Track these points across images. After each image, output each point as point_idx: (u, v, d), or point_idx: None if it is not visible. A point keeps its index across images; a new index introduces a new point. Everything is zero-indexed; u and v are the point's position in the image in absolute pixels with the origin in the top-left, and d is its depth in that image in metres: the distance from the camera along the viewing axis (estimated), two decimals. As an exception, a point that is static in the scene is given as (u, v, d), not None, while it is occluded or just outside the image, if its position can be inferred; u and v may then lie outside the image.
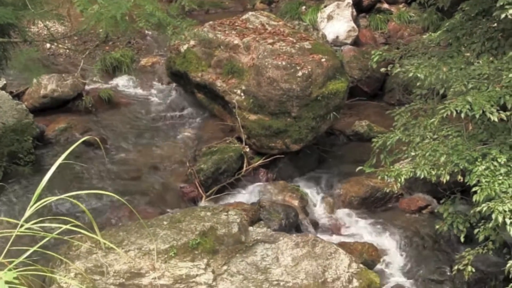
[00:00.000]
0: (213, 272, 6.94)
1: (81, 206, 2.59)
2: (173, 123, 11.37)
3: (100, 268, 6.71)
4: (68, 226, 2.63)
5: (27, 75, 9.39)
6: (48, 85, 11.06)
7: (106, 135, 10.72)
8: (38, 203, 2.58)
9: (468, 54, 8.37)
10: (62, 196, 2.63)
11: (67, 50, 12.04)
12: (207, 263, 6.98)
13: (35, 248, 2.55)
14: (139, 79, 12.31)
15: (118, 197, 3.48)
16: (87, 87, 11.61)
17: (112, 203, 9.36)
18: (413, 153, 8.05)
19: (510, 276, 7.01)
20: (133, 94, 12.01)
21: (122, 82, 12.20)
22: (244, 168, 10.08)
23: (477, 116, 7.32)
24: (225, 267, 7.04)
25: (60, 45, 10.85)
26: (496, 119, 7.23)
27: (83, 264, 6.67)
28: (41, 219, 2.63)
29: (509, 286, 6.82)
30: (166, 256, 6.90)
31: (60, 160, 2.65)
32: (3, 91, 10.88)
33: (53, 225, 2.62)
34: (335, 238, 9.28)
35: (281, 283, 6.99)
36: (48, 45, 12.38)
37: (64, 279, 5.82)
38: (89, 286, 6.35)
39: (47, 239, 2.60)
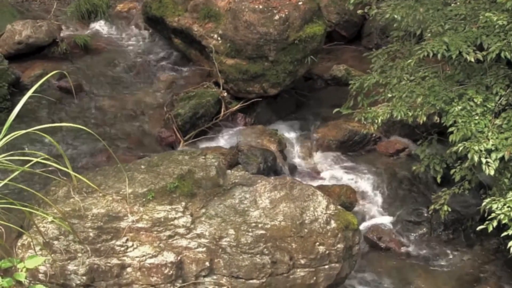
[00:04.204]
0: (191, 215, 6.95)
1: (50, 139, 2.56)
2: (150, 68, 11.28)
3: (78, 212, 6.70)
4: (39, 160, 2.61)
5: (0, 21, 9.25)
6: (23, 31, 10.89)
7: (82, 81, 10.62)
8: (8, 136, 2.55)
9: (444, -6, 8.34)
10: (31, 130, 2.60)
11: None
12: (185, 206, 6.98)
13: (6, 180, 2.53)
14: (115, 25, 12.17)
15: (94, 133, 3.46)
16: (62, 33, 11.46)
17: (90, 149, 9.35)
18: (390, 95, 8.07)
19: (486, 216, 7.08)
20: (109, 40, 11.88)
21: (98, 28, 12.05)
22: (222, 113, 10.06)
23: (454, 56, 7.31)
24: (203, 210, 7.05)
25: (33, -11, 10.70)
26: (472, 60, 7.24)
27: (61, 208, 6.66)
28: (11, 152, 2.61)
29: (484, 224, 6.90)
30: (144, 199, 6.90)
31: (29, 93, 2.62)
32: (-23, 38, 10.75)
33: (24, 158, 2.60)
34: (313, 182, 9.33)
35: (259, 225, 7.02)
36: (22, -9, 12.21)
37: (49, 218, 5.82)
38: (67, 229, 6.35)
39: (18, 172, 2.58)
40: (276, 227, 7.04)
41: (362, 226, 8.75)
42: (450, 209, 8.05)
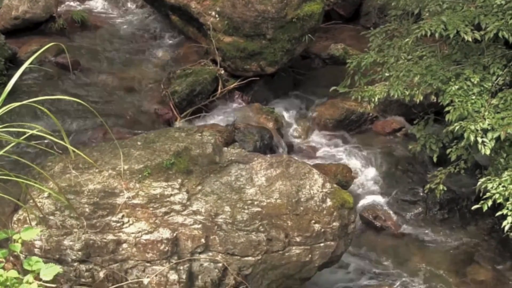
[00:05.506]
0: (187, 192, 6.95)
1: (45, 111, 2.56)
2: (147, 46, 11.28)
3: (74, 188, 6.70)
4: (35, 132, 2.61)
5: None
6: (20, 6, 10.88)
7: (79, 57, 10.60)
8: (3, 108, 2.55)
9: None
10: (26, 102, 2.60)
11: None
12: (181, 183, 6.97)
13: (2, 152, 2.53)
14: (112, 1, 12.15)
15: (91, 108, 3.46)
16: (59, 9, 11.44)
17: (86, 125, 9.34)
18: (387, 74, 8.07)
19: (481, 195, 7.11)
20: (107, 16, 11.86)
21: (95, 4, 12.05)
22: (219, 91, 10.06)
23: (451, 36, 7.31)
24: (199, 187, 7.05)
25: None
26: (470, 39, 7.23)
27: (57, 184, 6.65)
28: (7, 124, 2.61)
29: (479, 203, 6.93)
30: (140, 176, 6.89)
31: (25, 65, 2.62)
32: (-27, 13, 10.74)
33: (19, 129, 2.60)
34: (310, 160, 9.33)
35: (255, 203, 7.02)
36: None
37: (47, 189, 5.81)
38: (63, 204, 6.35)
39: (13, 144, 2.58)
40: (272, 204, 7.04)
41: (358, 205, 8.78)
42: (445, 189, 8.07)
